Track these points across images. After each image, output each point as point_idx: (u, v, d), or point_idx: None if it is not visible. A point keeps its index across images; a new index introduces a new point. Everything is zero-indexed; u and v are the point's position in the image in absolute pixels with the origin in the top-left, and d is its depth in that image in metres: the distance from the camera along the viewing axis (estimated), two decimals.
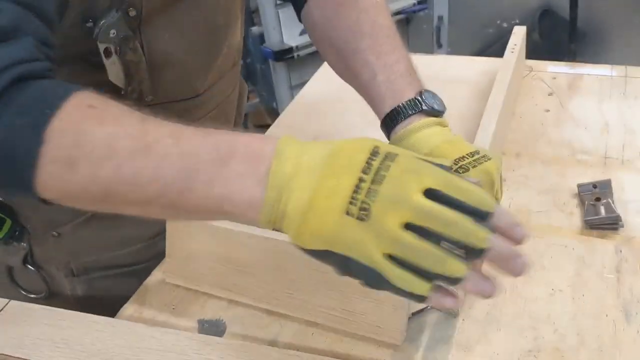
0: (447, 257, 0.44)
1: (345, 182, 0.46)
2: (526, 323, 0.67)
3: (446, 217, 0.44)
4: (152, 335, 0.66)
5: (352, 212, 0.45)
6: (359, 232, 0.45)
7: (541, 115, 1.02)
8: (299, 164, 0.48)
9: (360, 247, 0.45)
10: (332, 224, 0.46)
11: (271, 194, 0.47)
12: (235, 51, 0.86)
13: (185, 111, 0.79)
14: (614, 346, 0.64)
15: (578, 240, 0.77)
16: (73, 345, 0.65)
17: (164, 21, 0.69)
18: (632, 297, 0.69)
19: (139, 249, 0.86)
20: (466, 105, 1.05)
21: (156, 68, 0.71)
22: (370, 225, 0.45)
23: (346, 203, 0.45)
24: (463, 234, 0.44)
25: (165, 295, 0.76)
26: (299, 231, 0.48)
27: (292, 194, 0.47)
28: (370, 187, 0.45)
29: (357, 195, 0.45)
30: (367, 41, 0.73)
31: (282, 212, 0.48)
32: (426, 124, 0.68)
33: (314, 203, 0.47)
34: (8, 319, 0.69)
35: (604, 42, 2.60)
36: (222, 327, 0.71)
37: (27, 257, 0.85)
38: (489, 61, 1.17)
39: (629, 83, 1.09)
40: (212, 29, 0.75)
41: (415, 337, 0.67)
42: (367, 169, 0.46)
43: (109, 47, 0.64)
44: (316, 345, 0.67)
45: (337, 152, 0.48)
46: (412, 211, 0.44)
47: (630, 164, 0.89)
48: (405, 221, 0.45)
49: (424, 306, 0.69)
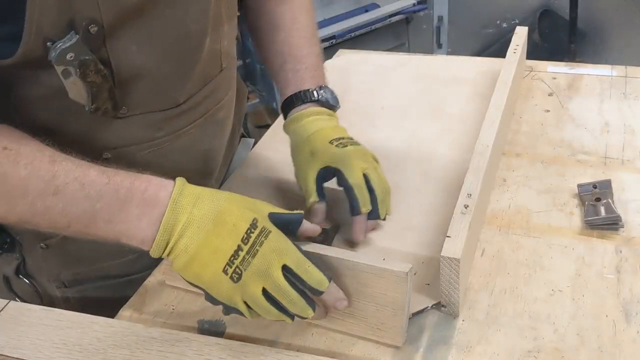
0: (284, 316, 0.62)
1: (227, 245, 0.59)
2: (526, 323, 0.67)
3: (290, 296, 0.60)
4: (151, 335, 0.66)
5: (228, 272, 0.59)
6: (230, 288, 0.60)
7: (541, 115, 1.02)
8: (192, 214, 0.59)
9: (228, 297, 0.60)
10: (211, 275, 0.59)
11: (162, 237, 0.59)
12: (223, 56, 0.82)
13: (165, 121, 0.76)
14: (614, 346, 0.64)
15: (578, 240, 0.77)
16: (72, 346, 0.65)
17: (130, 33, 0.66)
18: (632, 297, 0.69)
19: (130, 260, 0.85)
20: (466, 105, 1.05)
21: (127, 82, 0.69)
22: (239, 286, 0.59)
23: (225, 263, 0.59)
24: (297, 308, 0.61)
25: (165, 295, 0.76)
26: (183, 268, 0.60)
27: (181, 240, 0.59)
28: (245, 257, 0.59)
29: (235, 260, 0.59)
30: (283, 34, 0.85)
31: (170, 250, 0.60)
32: (317, 112, 0.82)
33: (200, 253, 0.59)
34: (7, 320, 0.69)
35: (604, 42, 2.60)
36: (222, 328, 0.71)
37: (20, 268, 0.85)
38: (489, 61, 1.17)
39: (629, 83, 1.09)
40: (184, 37, 0.71)
41: (415, 337, 0.67)
42: (246, 239, 0.60)
43: (68, 69, 0.63)
44: (316, 345, 0.67)
45: (225, 214, 0.60)
46: (270, 284, 0.60)
47: (630, 164, 0.89)
48: (263, 287, 0.60)
49: (423, 307, 0.69)
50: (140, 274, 0.84)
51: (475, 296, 0.71)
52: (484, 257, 0.76)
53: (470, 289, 0.72)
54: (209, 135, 0.84)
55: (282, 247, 0.61)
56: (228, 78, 0.87)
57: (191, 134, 0.80)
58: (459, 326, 0.68)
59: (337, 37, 2.36)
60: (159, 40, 0.69)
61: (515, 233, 0.79)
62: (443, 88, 1.10)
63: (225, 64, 0.83)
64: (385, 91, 1.11)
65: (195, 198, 0.60)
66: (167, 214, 0.59)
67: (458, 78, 1.13)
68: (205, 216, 0.60)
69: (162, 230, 0.59)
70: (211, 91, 0.81)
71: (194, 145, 0.81)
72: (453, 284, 0.66)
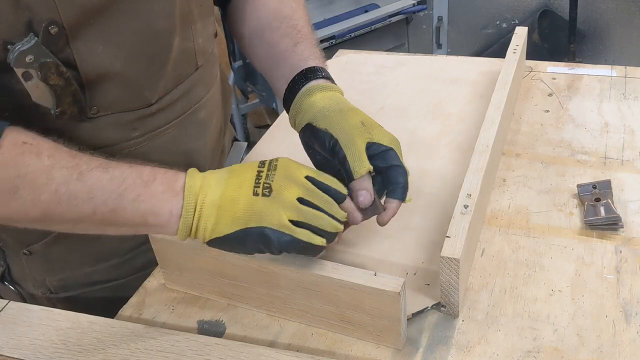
0: (329, 220, 0.62)
1: (247, 176, 0.62)
2: (526, 323, 0.67)
3: (323, 196, 0.62)
4: (151, 336, 0.66)
5: (258, 192, 0.60)
6: (267, 205, 0.60)
7: (541, 115, 1.02)
8: (206, 178, 0.62)
9: (271, 216, 0.59)
10: (244, 205, 0.60)
11: (188, 200, 0.60)
12: (198, 54, 0.80)
13: (139, 121, 0.75)
14: (613, 346, 0.64)
15: (578, 240, 0.77)
16: (72, 346, 0.65)
17: (94, 33, 0.65)
18: (631, 297, 0.69)
19: (114, 265, 0.84)
20: (466, 106, 1.05)
21: (95, 82, 0.68)
22: (274, 198, 0.60)
23: (252, 187, 0.61)
24: (334, 208, 0.63)
25: (165, 296, 0.76)
26: (216, 222, 0.60)
27: (205, 198, 0.61)
28: (267, 173, 0.62)
29: (259, 180, 0.61)
30: (287, 22, 0.81)
31: (198, 214, 0.60)
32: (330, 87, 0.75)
33: (225, 195, 0.61)
34: (7, 320, 0.69)
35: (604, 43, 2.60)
36: (221, 328, 0.71)
37: (5, 275, 0.84)
38: (489, 61, 1.17)
39: (628, 83, 1.09)
40: (151, 36, 0.70)
41: (415, 337, 0.67)
42: (261, 167, 0.63)
43: (28, 71, 0.62)
44: (316, 346, 0.67)
45: (234, 168, 0.64)
46: (301, 188, 0.61)
47: (629, 164, 0.89)
48: (298, 196, 0.60)
49: (423, 307, 0.69)
50: (125, 279, 0.84)
51: (475, 296, 0.71)
52: (483, 257, 0.76)
53: (470, 289, 0.72)
54: (190, 135, 0.83)
55: (296, 164, 0.64)
56: (207, 77, 0.85)
57: (170, 134, 0.79)
58: (458, 326, 0.68)
59: (337, 37, 2.36)
60: (125, 39, 0.68)
61: (515, 233, 0.79)
62: (443, 88, 1.10)
63: (202, 62, 0.81)
64: (385, 91, 1.11)
65: (206, 173, 0.64)
66: (188, 182, 0.62)
67: (458, 78, 1.13)
68: (218, 174, 0.63)
69: (187, 195, 0.61)
70: (187, 90, 0.80)
71: (174, 145, 0.80)
72: (453, 284, 0.66)
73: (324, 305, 0.67)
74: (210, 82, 0.86)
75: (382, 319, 0.64)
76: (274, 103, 2.41)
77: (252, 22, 0.84)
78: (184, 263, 0.73)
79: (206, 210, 0.61)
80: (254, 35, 0.83)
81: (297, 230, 0.60)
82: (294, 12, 0.82)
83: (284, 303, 0.70)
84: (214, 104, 0.88)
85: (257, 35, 0.83)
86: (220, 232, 0.61)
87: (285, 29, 0.80)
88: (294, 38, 0.79)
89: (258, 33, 0.83)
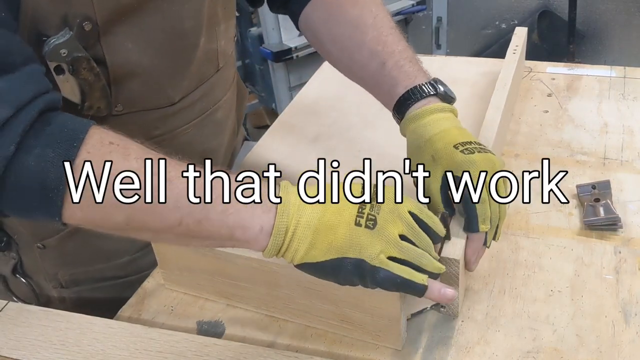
0: (432, 260, 0.58)
1: (349, 205, 0.57)
2: (525, 324, 0.67)
3: (424, 238, 0.58)
4: (150, 336, 0.66)
5: (361, 223, 0.56)
6: (369, 238, 0.55)
7: (540, 116, 1.02)
8: (301, 200, 0.57)
9: (372, 250, 0.55)
10: (344, 233, 0.56)
11: (281, 218, 0.55)
12: (220, 56, 0.82)
13: (161, 120, 0.76)
14: (612, 347, 0.64)
15: (577, 241, 0.77)
16: (71, 347, 0.65)
17: (124, 30, 0.66)
18: (631, 297, 0.69)
19: (124, 263, 0.85)
20: (465, 106, 1.04)
21: (122, 79, 0.69)
22: (377, 232, 0.56)
23: (354, 216, 0.56)
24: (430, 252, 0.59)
25: (164, 296, 0.76)
26: (309, 246, 0.56)
27: (301, 218, 0.56)
28: (373, 204, 0.57)
29: (363, 211, 0.56)
30: (371, 33, 0.74)
31: (291, 234, 0.56)
32: (441, 108, 0.71)
33: (323, 219, 0.56)
34: (6, 320, 0.69)
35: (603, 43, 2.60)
36: (221, 329, 0.71)
37: (17, 267, 0.84)
38: (488, 62, 1.17)
39: (627, 84, 1.09)
40: (178, 34, 0.71)
41: (414, 338, 0.67)
42: (363, 205, 0.57)
43: (61, 65, 0.62)
44: (315, 346, 0.67)
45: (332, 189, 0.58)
46: (405, 225, 0.57)
47: (629, 164, 0.89)
48: (401, 232, 0.57)
49: (421, 308, 0.69)
50: (136, 275, 0.84)
51: (475, 297, 0.71)
52: (483, 257, 0.76)
53: (469, 289, 0.72)
54: (207, 135, 0.85)
55: (401, 195, 0.59)
56: (225, 78, 0.87)
57: (189, 134, 0.80)
58: (458, 327, 0.68)
59: None
60: (154, 37, 0.69)
61: (514, 234, 0.79)
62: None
63: (222, 64, 0.83)
64: None
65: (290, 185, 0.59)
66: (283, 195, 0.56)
67: (457, 79, 1.12)
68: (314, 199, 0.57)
69: (280, 210, 0.56)
70: (208, 91, 0.81)
71: (192, 145, 0.81)
72: (453, 285, 0.66)
73: (324, 304, 0.67)
74: (228, 84, 0.88)
75: (382, 319, 0.64)
76: (274, 103, 2.41)
77: (333, 34, 0.78)
78: (184, 263, 0.73)
79: (300, 232, 0.56)
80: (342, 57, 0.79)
81: (396, 267, 0.56)
82: (376, 18, 0.75)
83: (284, 303, 0.70)
84: (230, 105, 0.90)
85: (346, 56, 0.77)
86: (313, 258, 0.56)
87: (371, 45, 0.74)
88: (381, 56, 0.73)
89: (346, 53, 0.77)
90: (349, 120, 1.06)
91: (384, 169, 0.80)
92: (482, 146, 0.68)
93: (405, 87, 0.71)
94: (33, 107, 0.53)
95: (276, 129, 1.05)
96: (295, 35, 2.24)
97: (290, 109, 1.12)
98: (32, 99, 0.53)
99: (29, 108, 0.53)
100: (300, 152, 0.99)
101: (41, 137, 0.53)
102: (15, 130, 0.51)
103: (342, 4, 0.77)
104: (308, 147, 1.00)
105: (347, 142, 1.00)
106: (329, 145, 1.00)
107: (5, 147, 0.51)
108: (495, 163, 0.66)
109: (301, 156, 0.98)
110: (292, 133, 1.05)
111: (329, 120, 1.07)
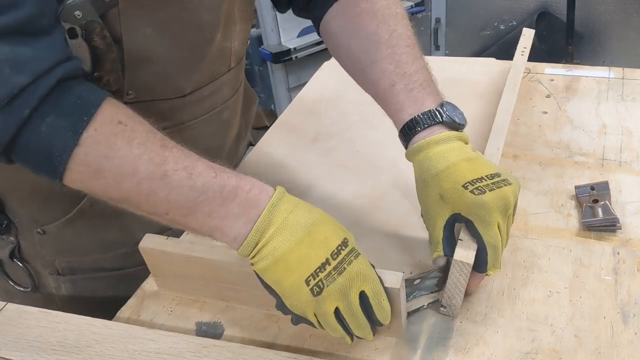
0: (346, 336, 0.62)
1: (316, 256, 0.58)
2: (524, 325, 0.67)
3: (360, 321, 0.60)
4: (149, 337, 0.66)
5: (310, 284, 0.58)
6: (307, 300, 0.58)
7: (539, 117, 1.03)
8: (286, 220, 0.59)
9: (302, 309, 0.59)
10: (292, 282, 0.58)
11: (254, 236, 0.58)
12: (233, 55, 0.83)
13: (170, 111, 0.77)
14: (611, 348, 0.64)
15: (576, 242, 0.78)
16: (70, 348, 0.65)
17: (144, 15, 0.67)
18: (629, 298, 0.69)
19: (122, 254, 0.86)
20: (464, 106, 1.04)
21: (136, 64, 0.70)
22: (316, 300, 0.58)
23: (310, 274, 0.58)
24: (362, 332, 0.61)
25: (163, 298, 0.76)
26: (265, 270, 0.59)
27: (271, 242, 0.58)
28: (332, 272, 0.58)
29: (320, 273, 0.58)
30: (385, 50, 0.72)
31: (257, 251, 0.59)
32: (446, 138, 0.68)
33: (287, 258, 0.58)
34: (5, 321, 0.69)
35: (602, 44, 2.60)
36: (220, 330, 0.71)
37: (15, 252, 0.85)
38: (488, 62, 1.17)
39: (626, 85, 1.09)
40: (197, 27, 0.73)
41: (413, 338, 0.67)
42: (336, 255, 0.59)
43: (75, 28, 0.62)
44: (314, 347, 0.67)
45: (319, 226, 0.59)
46: (345, 306, 0.59)
47: (627, 165, 0.89)
48: (337, 307, 0.59)
49: (418, 306, 0.69)
50: (132, 268, 0.84)
51: (473, 297, 0.71)
52: None
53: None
54: (212, 133, 0.85)
55: (367, 273, 0.60)
56: (235, 79, 0.88)
57: (195, 129, 0.81)
58: (456, 327, 0.68)
59: None
60: (171, 26, 0.70)
61: (513, 234, 0.79)
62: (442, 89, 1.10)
63: (234, 64, 0.84)
64: None
65: (293, 206, 0.60)
66: (264, 215, 0.58)
67: (456, 79, 1.13)
68: (299, 224, 0.59)
69: (255, 230, 0.58)
70: (217, 88, 0.83)
71: (197, 141, 0.81)
72: (459, 288, 0.66)
73: None
74: (237, 85, 0.89)
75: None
76: (272, 105, 2.41)
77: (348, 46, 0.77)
78: (178, 270, 0.72)
79: (264, 254, 0.59)
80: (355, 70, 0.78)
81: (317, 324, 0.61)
82: (392, 34, 0.73)
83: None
84: (236, 107, 0.91)
85: (358, 70, 0.77)
86: (265, 277, 0.60)
87: (383, 64, 0.72)
88: (391, 77, 0.71)
89: (358, 66, 0.76)
90: (349, 120, 1.06)
91: (383, 167, 0.80)
92: (494, 180, 0.65)
93: (410, 114, 0.69)
94: (52, 75, 0.56)
95: (276, 130, 1.06)
96: (294, 36, 2.25)
97: (291, 109, 1.13)
98: (52, 66, 0.56)
99: (48, 76, 0.56)
100: (300, 152, 0.99)
101: (56, 105, 0.56)
102: (31, 97, 0.55)
103: (361, 14, 0.75)
104: (308, 147, 1.00)
105: (347, 142, 1.01)
106: (329, 145, 1.00)
107: (20, 110, 0.55)
108: (509, 199, 0.64)
109: (301, 156, 0.98)
110: (292, 133, 1.05)
111: (329, 120, 1.07)
